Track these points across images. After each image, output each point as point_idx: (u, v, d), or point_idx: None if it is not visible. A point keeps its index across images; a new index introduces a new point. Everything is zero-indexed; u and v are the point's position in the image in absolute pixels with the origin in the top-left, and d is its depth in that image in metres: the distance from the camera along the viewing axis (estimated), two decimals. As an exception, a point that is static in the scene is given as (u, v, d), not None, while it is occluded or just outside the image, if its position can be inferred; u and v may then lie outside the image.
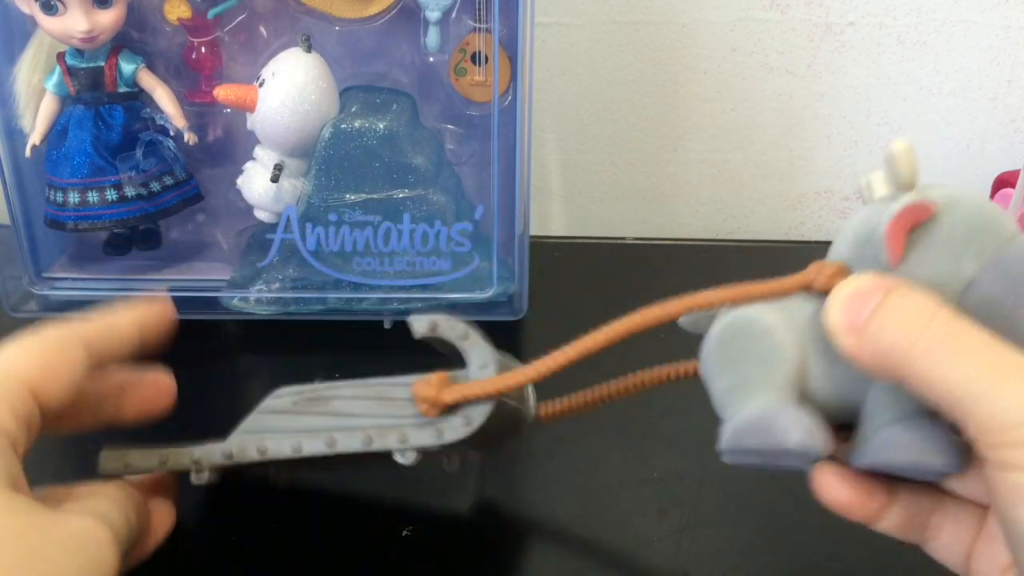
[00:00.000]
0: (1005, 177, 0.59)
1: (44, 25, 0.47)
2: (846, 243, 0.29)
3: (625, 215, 0.72)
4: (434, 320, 0.32)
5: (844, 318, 0.26)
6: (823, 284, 0.28)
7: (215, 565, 0.37)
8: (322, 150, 0.49)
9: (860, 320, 0.25)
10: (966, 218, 0.25)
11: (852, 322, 0.25)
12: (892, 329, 0.25)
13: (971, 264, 0.25)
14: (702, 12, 0.64)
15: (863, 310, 0.25)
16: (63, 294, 0.53)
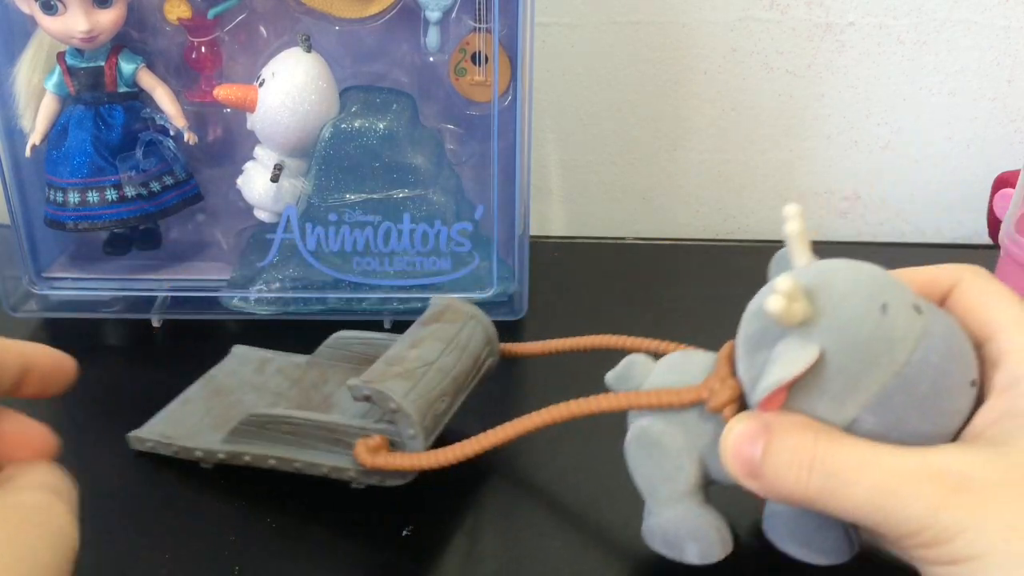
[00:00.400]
0: (1005, 177, 0.59)
1: (44, 25, 0.47)
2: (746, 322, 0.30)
3: (625, 215, 0.72)
4: (368, 392, 0.37)
5: (740, 469, 0.28)
6: (713, 407, 0.30)
7: (213, 562, 0.36)
8: (322, 150, 0.49)
9: (754, 468, 0.27)
10: (848, 364, 0.27)
11: (748, 471, 0.28)
12: (784, 475, 0.27)
13: (853, 408, 0.27)
14: (702, 12, 0.64)
15: (753, 457, 0.27)
16: (63, 294, 0.53)
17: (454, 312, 0.43)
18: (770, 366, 0.27)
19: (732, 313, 0.34)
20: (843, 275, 0.28)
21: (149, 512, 0.39)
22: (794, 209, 0.30)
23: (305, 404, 0.44)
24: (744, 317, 0.30)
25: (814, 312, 0.27)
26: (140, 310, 0.54)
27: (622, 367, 0.35)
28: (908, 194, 0.71)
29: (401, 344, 0.40)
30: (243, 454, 0.39)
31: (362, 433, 0.37)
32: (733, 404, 0.30)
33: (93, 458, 0.43)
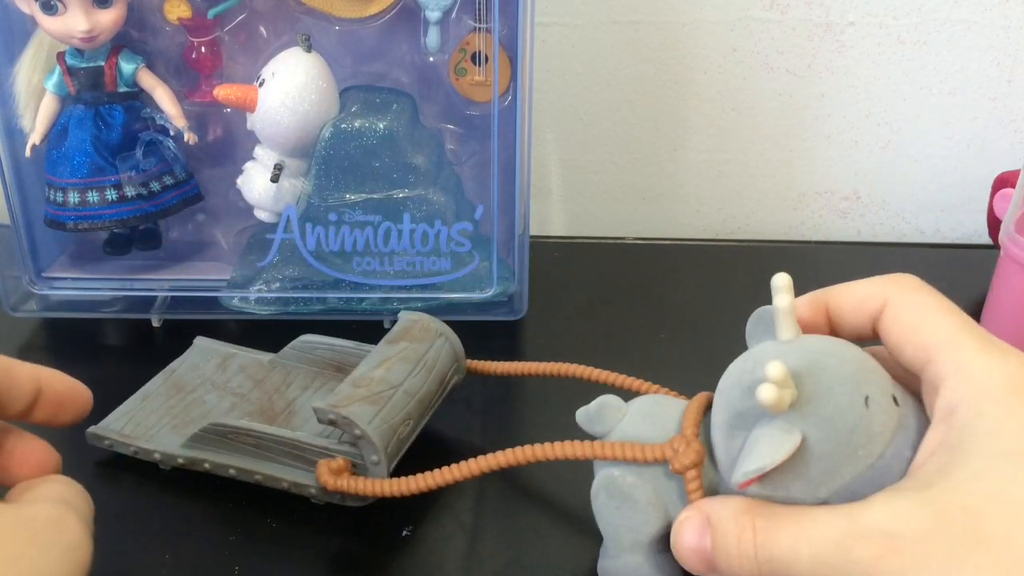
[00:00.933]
0: (1005, 177, 0.59)
1: (44, 25, 0.47)
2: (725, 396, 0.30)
3: (625, 215, 0.72)
4: (334, 416, 0.37)
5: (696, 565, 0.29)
6: (677, 470, 0.31)
7: (213, 562, 0.36)
8: (322, 150, 0.49)
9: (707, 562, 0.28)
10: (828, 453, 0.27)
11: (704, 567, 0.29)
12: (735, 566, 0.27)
13: (824, 492, 0.27)
14: (702, 12, 0.64)
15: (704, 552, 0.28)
16: (63, 294, 0.53)
17: (422, 329, 0.42)
18: (751, 448, 0.27)
19: (732, 313, 0.35)
20: (830, 361, 0.28)
21: (149, 512, 0.39)
22: (783, 281, 0.30)
23: (267, 408, 0.43)
24: (725, 386, 0.30)
25: (799, 398, 0.27)
26: (140, 310, 0.54)
27: (594, 408, 0.34)
28: (908, 194, 0.71)
29: (368, 363, 0.40)
30: (203, 461, 0.39)
31: (325, 453, 0.37)
32: (696, 468, 0.30)
33: (92, 458, 0.43)
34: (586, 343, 0.53)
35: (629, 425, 0.33)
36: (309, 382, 0.45)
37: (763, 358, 0.29)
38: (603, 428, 0.34)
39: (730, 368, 0.31)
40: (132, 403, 0.44)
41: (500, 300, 0.53)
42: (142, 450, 0.41)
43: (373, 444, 0.36)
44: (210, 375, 0.46)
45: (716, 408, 0.31)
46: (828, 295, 0.32)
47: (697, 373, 0.50)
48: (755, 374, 0.29)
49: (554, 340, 0.53)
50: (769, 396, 0.26)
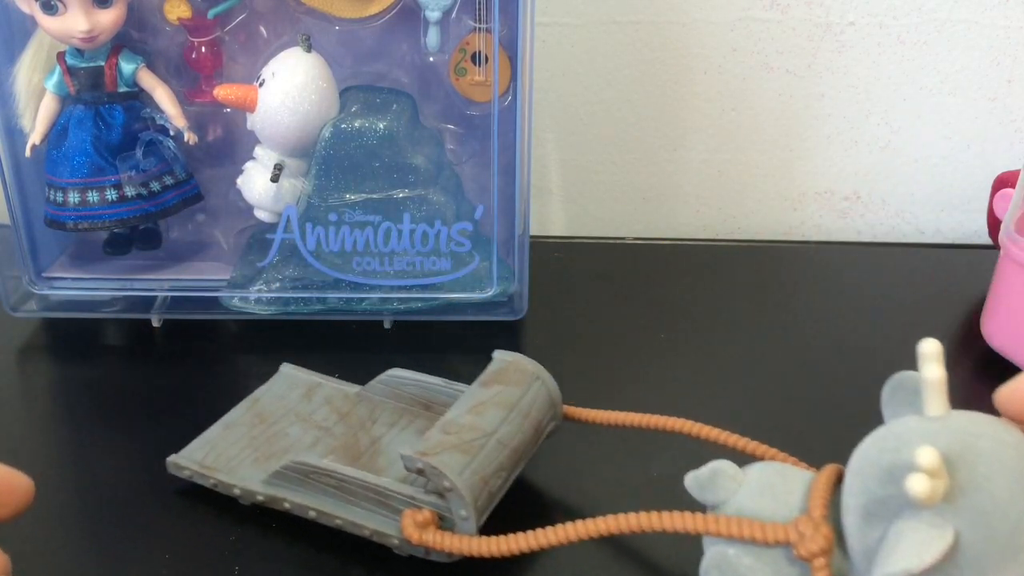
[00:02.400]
0: (1005, 177, 0.59)
1: (44, 25, 0.47)
2: (861, 478, 0.27)
3: (625, 215, 0.72)
4: (422, 465, 0.35)
5: None
6: (802, 556, 0.27)
7: (213, 562, 0.36)
8: (322, 150, 0.49)
9: None
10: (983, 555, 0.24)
11: None
12: None
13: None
14: (702, 12, 0.64)
15: None
16: (63, 294, 0.53)
17: (517, 371, 0.40)
18: (895, 545, 0.24)
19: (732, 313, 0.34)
20: (987, 445, 0.25)
21: (148, 512, 0.39)
22: (932, 348, 0.26)
23: (352, 445, 0.41)
24: (861, 465, 0.27)
25: (951, 488, 0.24)
26: (140, 310, 0.54)
27: (707, 475, 0.31)
28: (908, 194, 0.71)
29: (459, 407, 0.38)
30: (283, 500, 0.37)
31: (411, 503, 0.35)
32: (825, 555, 0.27)
33: (92, 458, 0.43)
34: (586, 343, 0.53)
35: (746, 497, 0.30)
36: (396, 419, 0.43)
37: (909, 439, 0.25)
38: (716, 498, 0.30)
39: (866, 444, 0.27)
40: (214, 431, 0.42)
41: (500, 300, 0.53)
42: (222, 483, 0.39)
43: (463, 498, 0.34)
44: (294, 405, 0.44)
45: (850, 489, 0.27)
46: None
47: (697, 373, 0.50)
48: (900, 457, 0.25)
49: (554, 340, 0.53)
50: (921, 489, 0.23)
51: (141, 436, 0.44)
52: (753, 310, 0.56)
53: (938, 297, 0.59)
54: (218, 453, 0.41)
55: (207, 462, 0.40)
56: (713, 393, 0.48)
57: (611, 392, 0.48)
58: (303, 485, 0.37)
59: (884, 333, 0.54)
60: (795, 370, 0.50)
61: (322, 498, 0.37)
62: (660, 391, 0.48)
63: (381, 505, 0.36)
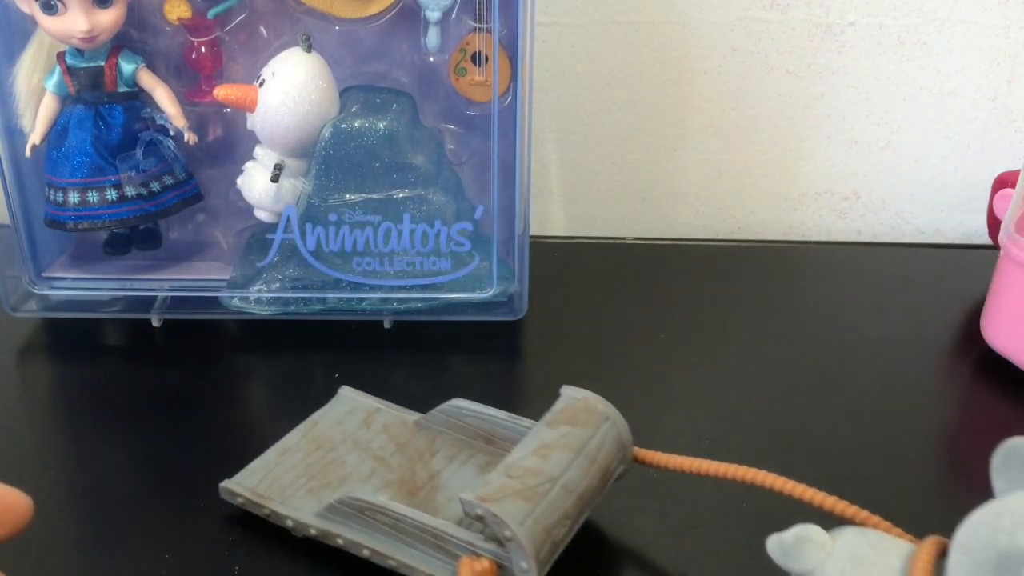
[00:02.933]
0: (1005, 177, 0.59)
1: (44, 25, 0.47)
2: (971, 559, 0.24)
3: (625, 215, 0.72)
4: (482, 512, 0.33)
5: None
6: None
7: (213, 562, 0.36)
8: (322, 150, 0.49)
9: None
10: None
11: None
12: None
13: None
14: (702, 12, 0.64)
15: None
16: (63, 294, 0.53)
17: (586, 411, 0.38)
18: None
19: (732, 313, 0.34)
20: None
21: (148, 511, 0.39)
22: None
23: (409, 479, 0.40)
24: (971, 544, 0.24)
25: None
26: (140, 310, 0.54)
27: (791, 540, 0.28)
28: (908, 194, 0.71)
29: (524, 448, 0.36)
30: (336, 536, 0.36)
31: (469, 549, 0.34)
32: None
33: (92, 458, 0.43)
34: (586, 343, 0.53)
35: (836, 570, 0.27)
36: (456, 452, 0.41)
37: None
38: (801, 566, 0.28)
39: (977, 520, 0.25)
40: (270, 456, 0.41)
41: (500, 300, 0.53)
42: (275, 514, 0.37)
43: (524, 549, 0.32)
44: (352, 432, 0.42)
45: (956, 568, 0.25)
46: None
47: (697, 374, 0.50)
48: (1016, 540, 0.23)
49: (554, 340, 0.53)
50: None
51: (141, 436, 0.44)
52: (753, 310, 0.56)
53: (938, 297, 0.59)
54: (272, 480, 0.39)
55: (260, 490, 0.38)
56: (713, 393, 0.48)
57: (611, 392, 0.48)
58: (357, 521, 0.36)
59: (884, 333, 0.54)
60: (795, 370, 0.50)
61: (377, 536, 0.36)
62: (660, 391, 0.48)
63: (438, 549, 0.34)
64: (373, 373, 0.44)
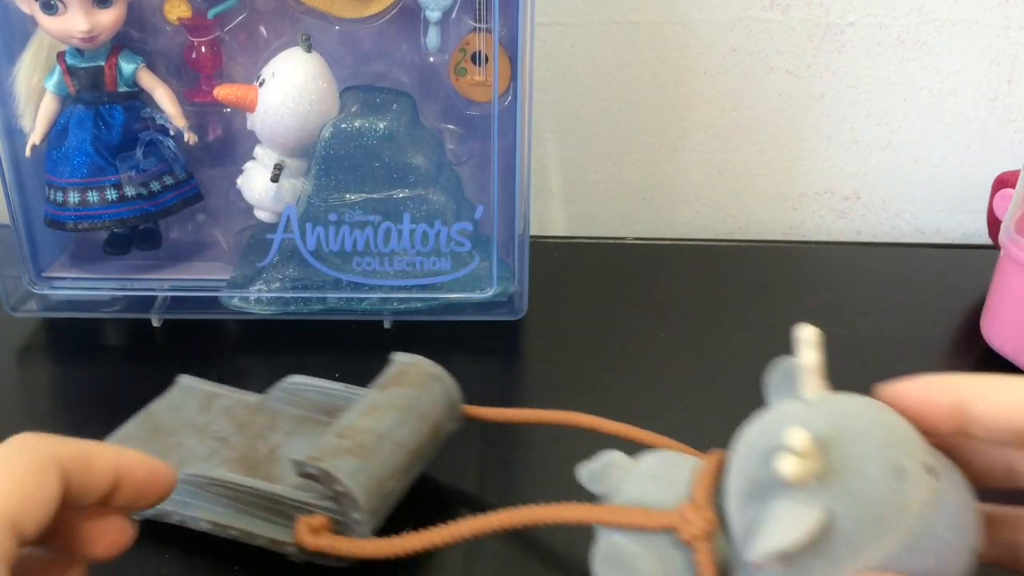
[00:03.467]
0: (1005, 177, 0.59)
1: (44, 25, 0.47)
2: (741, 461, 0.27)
3: (625, 215, 0.72)
4: (313, 470, 0.34)
5: None
6: (685, 540, 0.28)
7: (213, 562, 0.36)
8: (322, 150, 0.49)
9: None
10: (854, 532, 0.25)
11: None
12: None
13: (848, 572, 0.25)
14: (702, 12, 0.64)
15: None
16: (63, 294, 0.53)
17: (417, 374, 0.40)
18: (768, 524, 0.25)
19: (732, 313, 0.34)
20: (859, 427, 0.26)
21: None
22: (811, 335, 0.27)
23: (249, 456, 0.40)
24: (741, 448, 0.28)
25: (824, 468, 0.25)
26: (140, 310, 0.54)
27: (599, 467, 0.32)
28: (908, 194, 0.71)
29: (355, 411, 0.37)
30: (173, 513, 0.36)
31: (305, 509, 0.35)
32: (707, 538, 0.28)
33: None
34: (586, 343, 0.53)
35: (635, 487, 0.31)
36: (295, 427, 0.42)
37: (784, 420, 0.27)
38: (607, 488, 0.31)
39: (747, 428, 0.28)
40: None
41: (500, 300, 0.53)
42: None
43: (355, 501, 0.33)
44: (191, 417, 0.42)
45: (731, 472, 0.28)
46: (965, 389, 0.27)
47: (697, 374, 0.50)
48: (775, 439, 0.26)
49: (554, 340, 0.53)
50: (790, 469, 0.24)
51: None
52: (753, 310, 0.56)
53: (938, 297, 0.59)
54: None
55: None
56: (713, 393, 0.48)
57: (611, 392, 0.48)
58: (195, 497, 0.36)
59: (884, 333, 0.54)
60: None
61: (215, 510, 0.36)
62: (660, 391, 0.48)
63: (276, 513, 0.35)
64: (373, 373, 0.44)
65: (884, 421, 0.26)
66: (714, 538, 0.28)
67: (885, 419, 0.27)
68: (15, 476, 0.25)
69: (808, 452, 0.24)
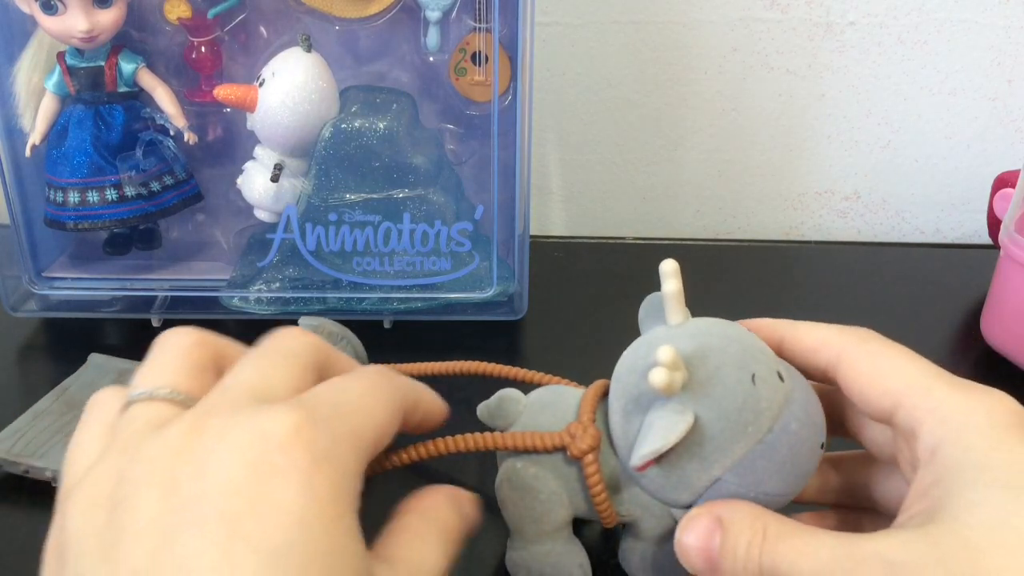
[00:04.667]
0: (1005, 177, 0.59)
1: (44, 25, 0.47)
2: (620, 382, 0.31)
3: (625, 215, 0.72)
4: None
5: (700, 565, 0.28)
6: (575, 455, 0.32)
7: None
8: (322, 150, 0.49)
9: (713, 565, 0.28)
10: (719, 432, 0.28)
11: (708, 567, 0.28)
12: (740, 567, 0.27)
13: (718, 470, 0.28)
14: (702, 12, 0.64)
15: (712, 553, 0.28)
16: (63, 294, 0.53)
17: (326, 334, 0.41)
18: (647, 432, 0.28)
19: (732, 313, 0.34)
20: (717, 343, 0.30)
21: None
22: (671, 267, 0.31)
23: None
24: (620, 372, 0.31)
25: (690, 380, 0.28)
26: (140, 310, 0.54)
27: (495, 403, 0.35)
28: (908, 194, 0.71)
29: None
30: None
31: None
32: (594, 452, 0.31)
33: None
34: (586, 343, 0.53)
35: (528, 417, 0.34)
36: None
37: (655, 343, 0.29)
38: (504, 422, 0.34)
39: (624, 354, 0.32)
40: (22, 421, 0.42)
41: (500, 300, 0.53)
42: (34, 468, 0.40)
43: None
44: None
45: (613, 394, 0.31)
46: (783, 331, 0.33)
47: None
48: (648, 359, 0.29)
49: (554, 340, 0.53)
50: (661, 379, 0.27)
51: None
52: (753, 310, 0.56)
53: (938, 297, 0.59)
54: (28, 441, 0.41)
55: (16, 450, 0.40)
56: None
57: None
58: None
59: (884, 333, 0.54)
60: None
61: None
62: (660, 391, 0.48)
63: None
64: (373, 373, 0.44)
65: (738, 335, 0.31)
66: (601, 453, 0.31)
67: (739, 334, 0.31)
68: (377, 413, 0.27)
69: (675, 364, 0.27)
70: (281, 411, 0.24)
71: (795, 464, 0.29)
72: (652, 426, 0.28)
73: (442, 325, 0.53)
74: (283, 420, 0.24)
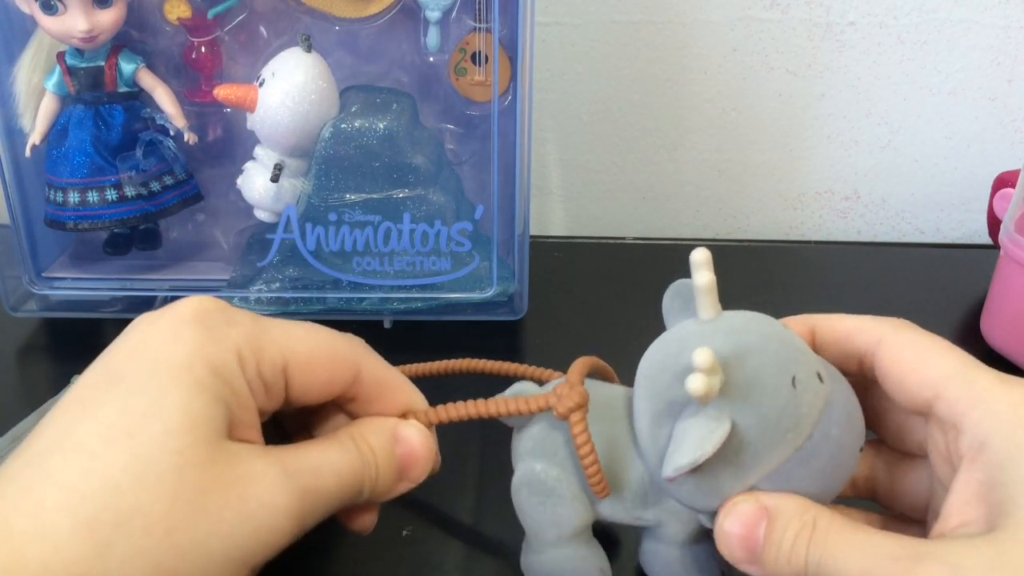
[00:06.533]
0: (1005, 177, 0.59)
1: (44, 25, 0.47)
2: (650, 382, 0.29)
3: (625, 215, 0.72)
4: None
5: (740, 555, 0.27)
6: (561, 414, 0.30)
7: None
8: (322, 150, 0.49)
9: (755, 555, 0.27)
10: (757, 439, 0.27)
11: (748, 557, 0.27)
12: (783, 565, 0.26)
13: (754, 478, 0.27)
14: (702, 12, 0.64)
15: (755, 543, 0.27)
16: (63, 294, 0.53)
17: None
18: (681, 440, 0.27)
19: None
20: (755, 342, 0.28)
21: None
22: (703, 257, 0.28)
23: None
24: (649, 371, 0.29)
25: (726, 383, 0.26)
26: (140, 310, 0.53)
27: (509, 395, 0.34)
28: (908, 194, 0.71)
29: None
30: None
31: None
32: (580, 410, 0.30)
33: None
34: (586, 343, 0.53)
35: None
36: None
37: (688, 341, 0.28)
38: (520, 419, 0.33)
39: (652, 351, 0.30)
40: (2, 444, 0.42)
41: (500, 300, 0.53)
42: None
43: None
44: None
45: (638, 393, 0.30)
46: (815, 321, 0.32)
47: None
48: (681, 359, 0.28)
49: (554, 340, 0.53)
50: (699, 387, 0.25)
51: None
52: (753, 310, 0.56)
53: (938, 297, 0.59)
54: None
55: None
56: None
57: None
58: None
59: (884, 333, 0.54)
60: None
61: None
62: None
63: None
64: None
65: (776, 334, 0.28)
66: (586, 410, 0.30)
67: (777, 332, 0.29)
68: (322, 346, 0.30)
69: (713, 369, 0.25)
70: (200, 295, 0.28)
71: (834, 470, 0.28)
72: (686, 434, 0.27)
73: (442, 325, 0.53)
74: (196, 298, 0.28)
